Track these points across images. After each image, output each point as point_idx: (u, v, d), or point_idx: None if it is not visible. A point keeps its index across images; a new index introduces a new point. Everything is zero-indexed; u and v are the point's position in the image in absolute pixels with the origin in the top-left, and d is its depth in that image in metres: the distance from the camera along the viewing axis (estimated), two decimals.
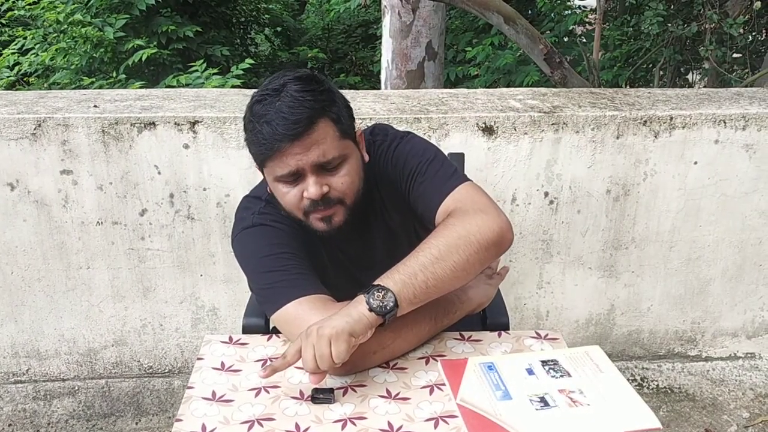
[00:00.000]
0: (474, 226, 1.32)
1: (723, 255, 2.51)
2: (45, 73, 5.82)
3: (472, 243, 1.30)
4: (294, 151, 1.29)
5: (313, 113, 1.29)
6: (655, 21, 4.50)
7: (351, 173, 1.37)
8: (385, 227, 1.55)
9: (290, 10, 9.93)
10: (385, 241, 1.56)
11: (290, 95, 1.28)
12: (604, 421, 1.18)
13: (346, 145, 1.36)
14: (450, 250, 1.29)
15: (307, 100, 1.29)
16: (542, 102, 2.38)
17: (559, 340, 1.45)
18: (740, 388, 2.60)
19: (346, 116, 1.38)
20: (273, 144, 1.28)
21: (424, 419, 1.20)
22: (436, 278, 1.27)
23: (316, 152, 1.30)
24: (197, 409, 1.23)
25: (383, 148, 1.51)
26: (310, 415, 1.21)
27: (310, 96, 1.29)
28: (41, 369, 2.49)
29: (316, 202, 1.34)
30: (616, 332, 2.62)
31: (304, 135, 1.28)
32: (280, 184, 1.36)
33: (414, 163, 1.46)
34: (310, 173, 1.32)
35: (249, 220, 1.47)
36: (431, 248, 1.29)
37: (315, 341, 1.18)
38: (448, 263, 1.28)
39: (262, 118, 1.29)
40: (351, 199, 1.38)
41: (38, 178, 2.21)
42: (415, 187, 1.46)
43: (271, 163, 1.32)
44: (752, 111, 2.32)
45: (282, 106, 1.28)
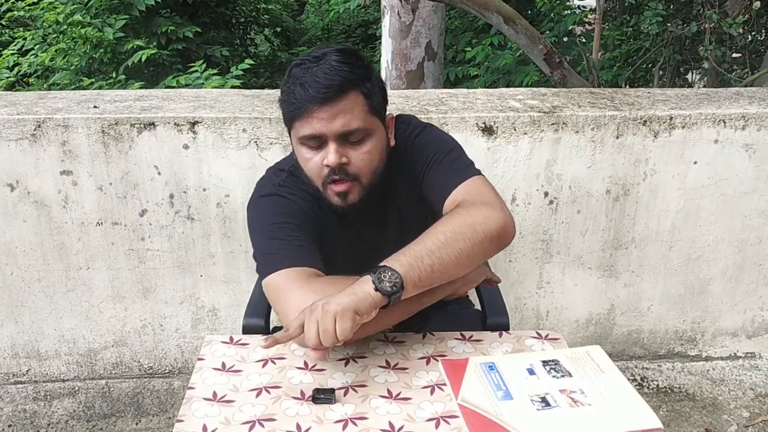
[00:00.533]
0: (480, 217, 1.35)
1: (723, 255, 2.51)
2: (45, 74, 5.82)
3: (477, 233, 1.33)
4: (321, 115, 1.33)
5: (345, 83, 1.33)
6: (655, 21, 4.50)
7: (372, 151, 1.40)
8: (399, 213, 1.58)
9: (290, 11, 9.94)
10: (398, 227, 1.58)
11: (329, 64, 1.34)
12: (606, 421, 1.18)
13: (372, 122, 1.40)
14: (456, 237, 1.31)
15: (343, 70, 1.34)
16: (542, 102, 2.38)
17: (559, 340, 1.45)
18: (740, 387, 2.61)
19: (379, 95, 1.42)
20: (303, 105, 1.33)
21: (426, 419, 1.20)
22: (441, 263, 1.29)
23: (341, 120, 1.34)
24: (198, 410, 1.23)
25: (405, 135, 1.54)
26: (311, 416, 1.21)
27: (347, 67, 1.34)
28: (41, 369, 2.49)
29: (333, 171, 1.37)
30: (616, 332, 2.62)
31: (333, 101, 1.32)
32: (303, 148, 1.40)
33: (431, 152, 1.50)
34: (332, 141, 1.35)
35: (267, 189, 1.52)
36: (438, 234, 1.31)
37: (320, 317, 1.19)
38: (453, 250, 1.30)
39: (298, 80, 1.34)
40: (368, 178, 1.41)
41: (38, 178, 2.21)
42: (428, 175, 1.50)
43: (298, 122, 1.36)
44: (752, 111, 2.32)
45: (318, 72, 1.33)
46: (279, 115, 2.17)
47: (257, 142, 2.20)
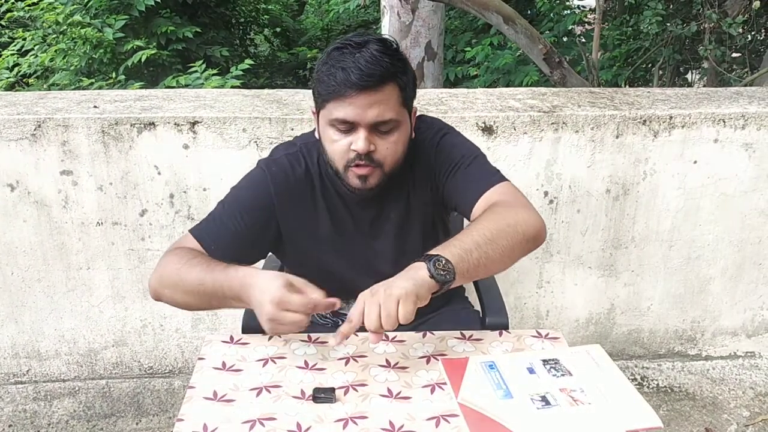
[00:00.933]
0: (520, 218, 1.40)
1: (723, 254, 2.51)
2: (44, 74, 5.81)
3: (518, 233, 1.37)
4: (358, 102, 1.36)
5: (386, 74, 1.36)
6: (654, 20, 4.51)
7: (398, 142, 1.44)
8: (405, 205, 1.59)
9: (289, 11, 9.94)
10: (399, 219, 1.59)
11: (370, 52, 1.36)
12: (606, 420, 1.18)
13: (402, 114, 1.43)
14: (500, 235, 1.35)
15: (385, 61, 1.36)
16: (542, 102, 2.39)
17: (559, 339, 1.45)
18: (740, 387, 2.61)
19: (412, 89, 1.46)
20: (342, 88, 1.35)
21: (426, 418, 1.20)
22: (487, 258, 1.33)
23: (376, 110, 1.37)
24: (199, 409, 1.23)
25: (429, 134, 1.57)
26: (312, 415, 1.21)
27: (388, 58, 1.37)
28: (41, 369, 2.49)
29: (359, 156, 1.40)
30: (616, 331, 2.62)
31: (372, 90, 1.35)
32: (332, 129, 1.42)
33: (458, 155, 1.54)
34: (364, 128, 1.38)
35: (268, 159, 1.57)
36: (484, 230, 1.35)
37: (382, 300, 1.21)
38: (498, 246, 1.34)
39: (339, 63, 1.36)
40: (390, 166, 1.45)
41: (38, 178, 2.21)
42: (456, 177, 1.53)
43: (333, 104, 1.38)
44: (751, 110, 2.32)
45: (360, 59, 1.35)
46: (279, 115, 2.19)
47: (257, 141, 2.20)
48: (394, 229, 1.59)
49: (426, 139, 1.56)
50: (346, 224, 1.59)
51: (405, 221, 1.60)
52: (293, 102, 2.34)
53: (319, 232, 1.59)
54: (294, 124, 2.19)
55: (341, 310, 1.36)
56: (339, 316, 1.70)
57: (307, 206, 1.56)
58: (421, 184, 1.57)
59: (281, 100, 2.35)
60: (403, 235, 1.60)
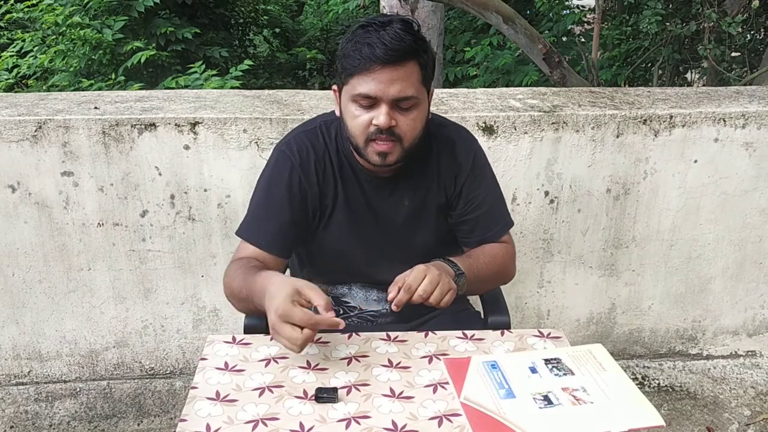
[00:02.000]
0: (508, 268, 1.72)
1: (723, 253, 2.52)
2: (43, 76, 5.81)
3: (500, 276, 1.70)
4: (381, 77, 1.41)
5: (409, 51, 1.42)
6: (654, 20, 4.50)
7: (417, 119, 1.49)
8: (424, 195, 1.64)
9: (288, 12, 9.93)
10: (414, 206, 1.64)
11: (395, 30, 1.42)
12: (608, 419, 1.18)
13: (422, 92, 1.48)
14: (493, 277, 1.67)
15: (408, 38, 1.42)
16: (542, 101, 2.39)
17: (561, 338, 1.46)
18: (741, 386, 2.61)
19: (431, 68, 1.52)
20: (367, 63, 1.41)
21: (428, 418, 1.20)
22: (473, 290, 1.61)
23: (398, 86, 1.42)
24: (201, 409, 1.23)
25: (461, 137, 1.68)
26: (314, 415, 1.21)
27: (411, 37, 1.43)
28: (43, 371, 2.49)
29: (379, 130, 1.45)
30: (617, 331, 2.62)
31: (396, 65, 1.41)
32: (353, 105, 1.47)
33: (484, 188, 1.67)
34: (385, 104, 1.43)
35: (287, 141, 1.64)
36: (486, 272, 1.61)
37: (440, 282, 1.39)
38: (483, 285, 1.67)
39: (365, 39, 1.42)
40: (409, 141, 1.49)
41: (39, 179, 2.21)
42: (477, 213, 1.67)
43: (357, 78, 1.43)
44: (752, 109, 2.32)
45: (385, 35, 1.41)
46: (279, 116, 2.19)
47: (258, 142, 2.20)
48: (406, 215, 1.64)
49: (458, 143, 1.65)
50: (359, 202, 1.63)
51: (421, 210, 1.64)
52: (293, 102, 2.35)
53: (336, 208, 1.63)
54: (294, 124, 2.18)
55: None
56: (340, 304, 1.72)
57: (327, 181, 1.61)
58: (445, 182, 1.64)
59: (281, 101, 2.35)
60: (416, 223, 1.65)
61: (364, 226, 1.64)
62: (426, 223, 1.65)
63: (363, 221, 1.64)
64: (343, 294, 1.73)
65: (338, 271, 1.71)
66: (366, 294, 1.73)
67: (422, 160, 1.61)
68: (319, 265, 1.72)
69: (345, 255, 1.67)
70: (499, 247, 1.67)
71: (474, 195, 1.64)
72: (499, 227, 1.69)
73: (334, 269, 1.71)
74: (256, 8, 8.25)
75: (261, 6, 8.39)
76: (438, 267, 1.44)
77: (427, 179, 1.63)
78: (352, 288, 1.73)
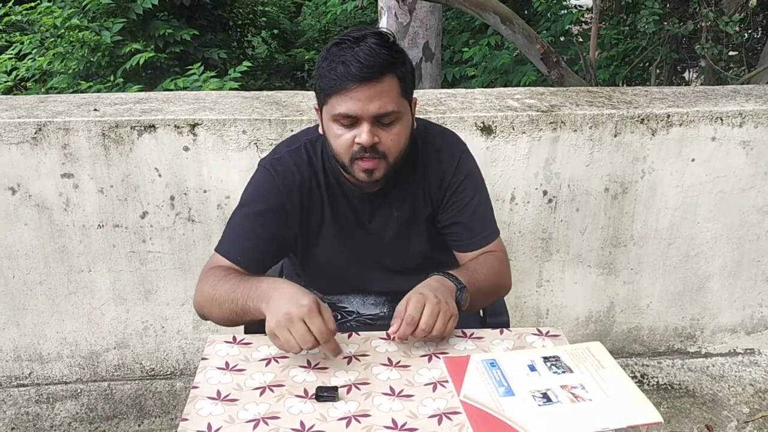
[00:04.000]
0: (504, 279, 1.64)
1: (721, 251, 2.53)
2: (42, 78, 5.82)
3: (498, 289, 1.64)
4: (358, 95, 1.38)
5: (385, 66, 1.39)
6: (651, 19, 4.52)
7: (401, 133, 1.47)
8: (412, 205, 1.62)
9: (286, 13, 9.93)
10: (403, 217, 1.63)
11: (369, 45, 1.39)
12: (606, 416, 1.19)
13: (403, 105, 1.46)
14: (491, 290, 1.60)
15: (383, 53, 1.39)
16: (540, 101, 2.40)
17: (560, 336, 1.46)
18: (740, 383, 2.62)
19: (411, 79, 1.48)
20: (343, 82, 1.38)
21: (428, 416, 1.21)
22: (473, 305, 1.53)
23: (377, 103, 1.39)
24: (202, 409, 1.24)
25: (445, 143, 1.64)
26: (315, 413, 1.22)
27: (386, 51, 1.40)
28: (43, 372, 2.49)
29: (363, 149, 1.43)
30: (616, 329, 2.63)
31: (373, 82, 1.38)
32: (335, 125, 1.44)
33: (470, 192, 1.62)
34: (367, 122, 1.41)
35: (270, 159, 1.61)
36: (485, 284, 1.55)
37: (443, 311, 1.35)
38: (484, 300, 1.60)
39: (339, 57, 1.39)
40: (394, 156, 1.47)
41: (39, 182, 2.22)
42: (464, 215, 1.62)
43: (335, 99, 1.41)
44: (749, 108, 2.33)
45: (359, 52, 1.38)
46: (278, 117, 2.20)
47: (257, 143, 2.21)
48: (396, 226, 1.62)
49: (442, 150, 1.61)
50: (348, 218, 1.62)
51: (410, 220, 1.63)
52: (292, 103, 2.35)
53: (324, 226, 1.62)
54: (293, 125, 2.20)
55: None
56: (337, 309, 1.72)
57: (313, 201, 1.59)
58: (432, 190, 1.61)
59: (280, 102, 2.36)
60: (407, 233, 1.63)
61: (355, 241, 1.63)
62: (417, 231, 1.64)
63: (353, 237, 1.63)
64: (340, 300, 1.73)
65: (333, 283, 1.71)
66: (363, 299, 1.73)
67: (409, 169, 1.58)
68: (314, 276, 1.72)
69: (338, 269, 1.67)
70: (493, 257, 1.62)
71: (460, 198, 1.61)
72: (489, 232, 1.64)
73: (329, 282, 1.71)
74: (255, 10, 8.26)
75: (259, 7, 8.40)
76: (436, 287, 1.40)
77: (413, 188, 1.61)
78: (348, 295, 1.74)
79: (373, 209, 1.61)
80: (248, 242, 1.56)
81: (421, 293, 1.37)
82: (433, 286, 1.41)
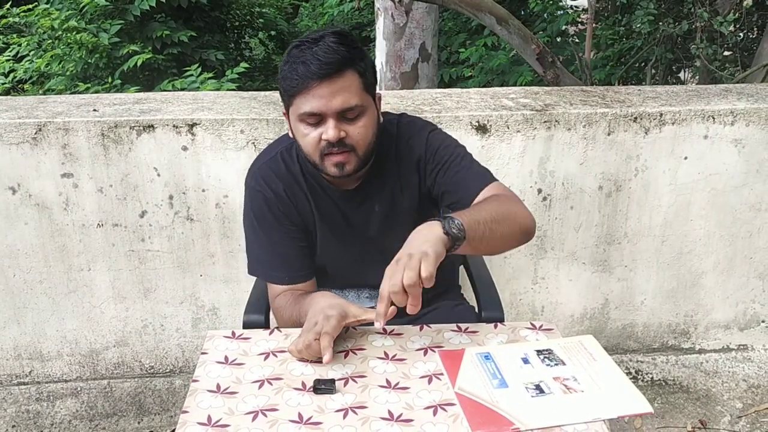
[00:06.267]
0: (519, 210, 1.49)
1: (714, 248, 2.55)
2: (40, 80, 5.83)
3: (516, 222, 1.46)
4: (321, 92, 1.41)
5: (344, 61, 1.42)
6: (646, 20, 4.55)
7: (367, 125, 1.49)
8: (390, 197, 1.65)
9: (284, 14, 9.95)
10: (385, 210, 1.65)
11: (327, 44, 1.42)
12: (598, 407, 1.22)
13: (366, 99, 1.49)
14: (503, 219, 1.43)
15: (341, 50, 1.42)
16: (534, 100, 2.42)
17: (553, 330, 1.49)
18: (733, 379, 2.64)
19: (372, 74, 1.52)
20: (305, 81, 1.41)
21: (424, 407, 1.24)
22: (491, 235, 1.39)
23: (340, 99, 1.42)
24: (202, 401, 1.26)
25: (413, 130, 1.64)
26: (313, 405, 1.24)
27: (344, 48, 1.43)
28: (44, 370, 2.51)
29: (331, 144, 1.45)
30: (611, 326, 2.66)
31: (333, 77, 1.41)
32: (302, 124, 1.47)
33: (450, 153, 1.61)
34: (332, 118, 1.44)
35: (252, 180, 1.65)
36: (491, 210, 1.42)
37: (405, 263, 1.25)
38: (500, 228, 1.41)
39: (299, 58, 1.42)
40: (363, 150, 1.50)
41: (39, 181, 2.24)
42: (450, 174, 1.59)
43: (299, 99, 1.44)
44: (740, 106, 2.36)
45: (318, 51, 1.41)
46: (276, 116, 2.22)
47: (255, 143, 2.24)
48: (380, 220, 1.65)
49: (411, 135, 1.63)
50: (334, 217, 1.65)
51: (391, 213, 1.65)
52: None
53: (316, 225, 1.66)
54: None
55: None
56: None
57: (300, 203, 1.63)
58: (408, 178, 1.63)
59: (278, 102, 2.38)
60: (390, 226, 1.65)
61: (344, 238, 1.67)
62: (401, 224, 1.62)
63: (342, 234, 1.67)
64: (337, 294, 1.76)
65: (330, 279, 1.75)
66: (358, 293, 1.77)
67: (385, 164, 1.62)
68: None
69: (333, 266, 1.72)
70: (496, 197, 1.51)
71: (437, 167, 1.59)
72: (480, 179, 1.57)
73: (326, 278, 1.74)
74: (252, 11, 8.28)
75: (256, 9, 8.42)
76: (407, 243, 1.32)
77: (391, 182, 1.64)
78: (344, 290, 1.77)
79: (354, 206, 1.65)
80: (285, 259, 1.64)
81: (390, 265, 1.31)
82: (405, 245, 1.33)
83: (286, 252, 1.64)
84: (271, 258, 1.65)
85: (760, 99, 2.45)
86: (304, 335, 1.36)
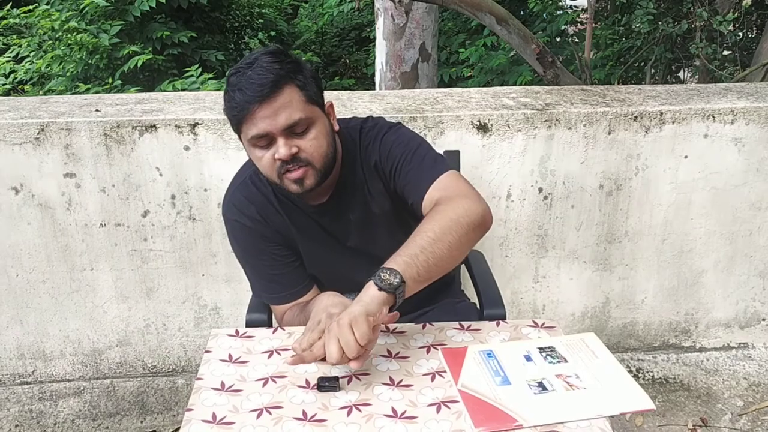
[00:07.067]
0: (461, 209, 1.41)
1: (714, 247, 2.56)
2: (40, 81, 5.84)
3: (462, 225, 1.39)
4: (263, 114, 1.40)
5: (278, 78, 1.40)
6: (646, 19, 4.56)
7: (319, 137, 1.48)
8: (365, 209, 1.65)
9: (283, 15, 9.96)
10: (360, 219, 1.65)
11: (260, 65, 1.41)
12: (600, 403, 1.23)
13: (312, 111, 1.47)
14: (444, 232, 1.37)
15: (275, 68, 1.41)
16: (535, 100, 2.43)
17: (555, 328, 1.50)
18: (734, 377, 2.65)
19: (313, 85, 1.48)
20: (244, 107, 1.40)
21: (427, 404, 1.24)
22: (435, 257, 1.35)
23: (283, 116, 1.41)
24: (207, 399, 1.27)
25: (371, 135, 1.62)
26: (317, 403, 1.25)
27: (278, 65, 1.42)
28: (47, 370, 2.52)
29: (286, 162, 1.44)
30: (612, 325, 2.67)
31: (271, 97, 1.40)
32: (255, 149, 1.47)
33: (399, 153, 1.58)
34: (280, 136, 1.43)
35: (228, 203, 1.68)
36: (427, 231, 1.37)
37: (337, 332, 1.24)
38: (444, 243, 1.36)
39: (235, 86, 1.42)
40: (320, 162, 1.48)
41: (42, 181, 2.24)
42: (401, 177, 1.57)
43: (245, 126, 1.43)
44: (740, 105, 2.37)
45: (252, 75, 1.40)
46: None
47: None
48: (359, 229, 1.66)
49: (370, 141, 1.62)
50: (313, 231, 1.66)
51: (368, 220, 1.65)
52: None
53: (296, 240, 1.67)
54: None
55: None
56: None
57: (276, 223, 1.64)
58: (374, 184, 1.63)
59: None
60: (370, 233, 1.66)
61: (328, 249, 1.68)
62: (380, 227, 1.66)
63: (325, 245, 1.68)
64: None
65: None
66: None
67: (351, 171, 1.61)
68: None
69: (322, 276, 1.73)
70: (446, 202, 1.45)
71: (391, 167, 1.58)
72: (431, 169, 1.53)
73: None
74: (251, 12, 8.28)
75: (256, 9, 8.42)
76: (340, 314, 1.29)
77: (360, 190, 1.63)
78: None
79: (330, 219, 1.65)
80: (279, 281, 1.67)
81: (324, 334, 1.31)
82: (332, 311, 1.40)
83: (279, 273, 1.66)
84: (267, 283, 1.69)
85: (759, 98, 2.46)
86: (307, 333, 1.36)
